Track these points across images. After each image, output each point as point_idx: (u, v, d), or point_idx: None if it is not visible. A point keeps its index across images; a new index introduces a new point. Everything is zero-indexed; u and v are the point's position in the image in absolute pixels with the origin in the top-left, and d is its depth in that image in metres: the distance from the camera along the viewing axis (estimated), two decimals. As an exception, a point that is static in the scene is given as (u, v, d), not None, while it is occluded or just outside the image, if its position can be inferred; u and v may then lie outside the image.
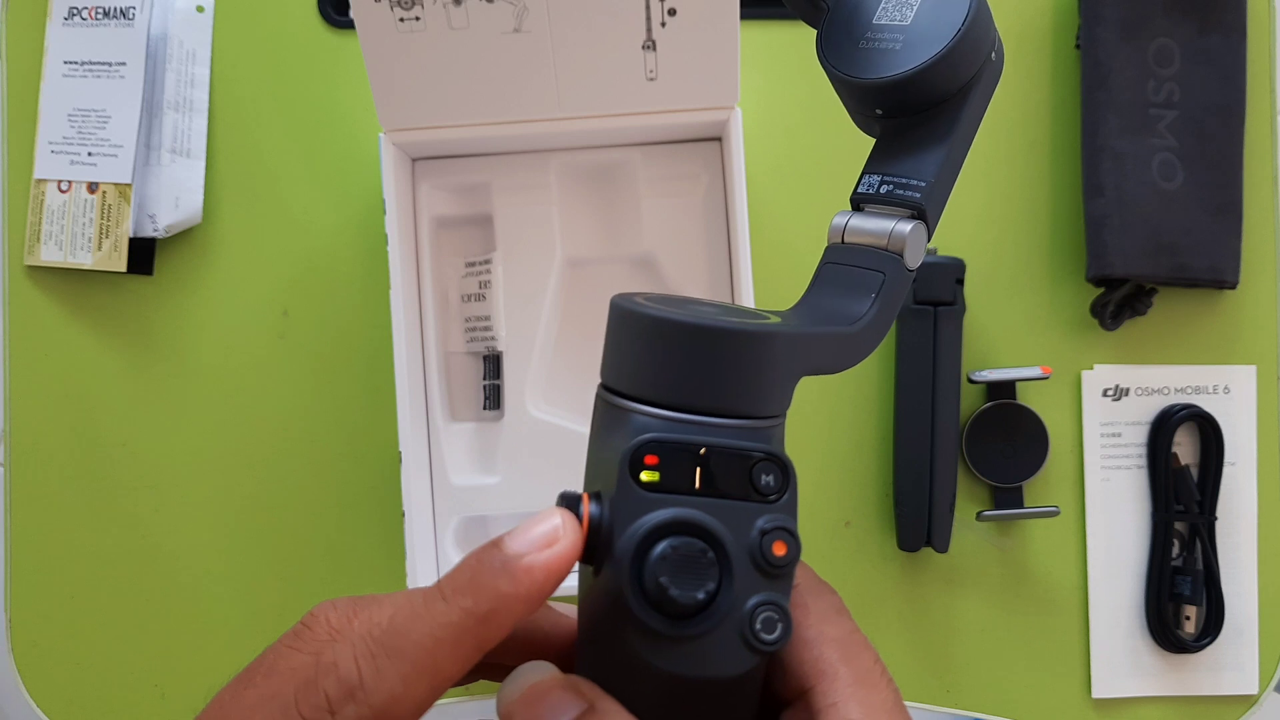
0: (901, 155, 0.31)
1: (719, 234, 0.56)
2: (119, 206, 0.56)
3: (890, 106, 0.31)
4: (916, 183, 0.31)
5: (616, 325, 0.26)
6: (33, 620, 0.58)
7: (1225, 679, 0.58)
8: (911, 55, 0.31)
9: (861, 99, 0.32)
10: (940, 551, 0.56)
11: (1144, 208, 0.56)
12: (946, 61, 0.30)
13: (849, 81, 0.31)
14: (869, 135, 0.33)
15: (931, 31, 0.31)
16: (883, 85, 0.31)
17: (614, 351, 0.27)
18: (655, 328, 0.25)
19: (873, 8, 0.32)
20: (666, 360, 0.25)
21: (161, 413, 0.58)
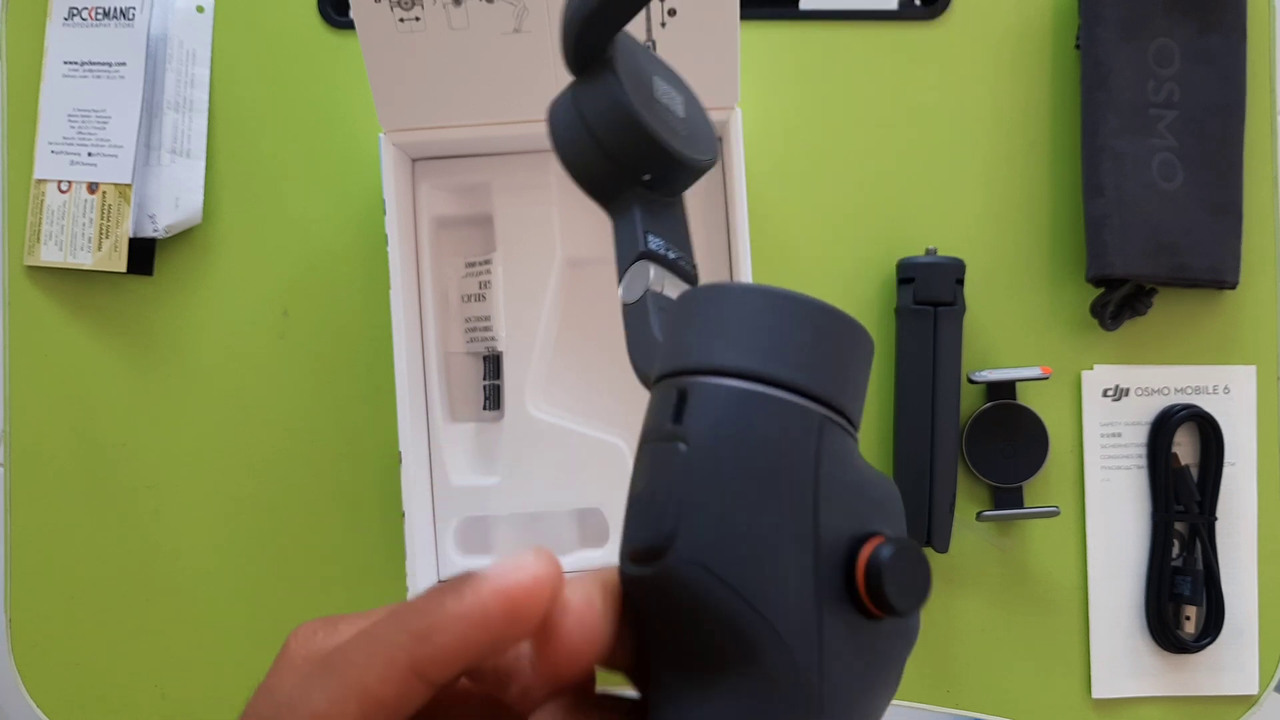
0: (670, 230, 0.32)
1: (719, 234, 0.56)
2: (119, 207, 0.56)
3: (662, 180, 0.31)
4: (690, 259, 0.33)
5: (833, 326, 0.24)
6: (33, 620, 0.58)
7: (1225, 679, 0.58)
8: (695, 146, 0.32)
9: (647, 160, 0.31)
10: (940, 551, 0.56)
11: (1144, 208, 0.56)
12: (713, 166, 0.33)
13: (660, 142, 0.30)
14: (589, 193, 0.32)
15: (701, 132, 0.33)
16: (684, 161, 0.31)
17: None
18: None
19: (649, 83, 0.32)
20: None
21: (161, 413, 0.58)
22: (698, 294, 0.24)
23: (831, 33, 0.59)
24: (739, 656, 0.21)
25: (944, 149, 0.59)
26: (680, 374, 0.23)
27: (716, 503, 0.21)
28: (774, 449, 0.22)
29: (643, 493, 0.22)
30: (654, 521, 0.22)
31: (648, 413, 0.24)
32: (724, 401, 0.22)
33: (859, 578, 0.22)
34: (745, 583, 0.21)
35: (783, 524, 0.22)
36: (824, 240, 0.58)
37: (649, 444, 0.23)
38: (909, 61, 0.59)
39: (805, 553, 0.22)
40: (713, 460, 0.21)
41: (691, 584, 0.21)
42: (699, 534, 0.21)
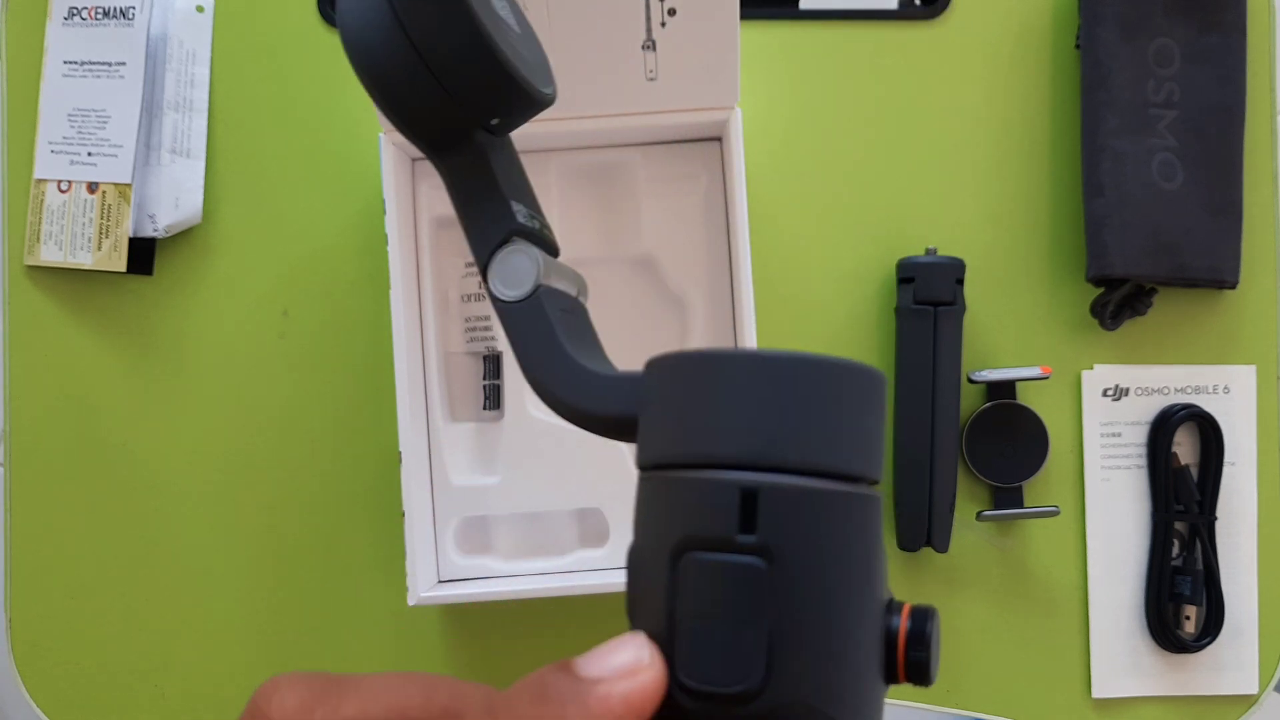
0: (517, 185, 0.26)
1: (719, 234, 0.56)
2: (119, 206, 0.56)
3: (509, 121, 0.26)
4: (545, 221, 0.27)
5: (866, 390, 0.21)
6: (33, 620, 0.58)
7: (1225, 679, 0.58)
8: (540, 76, 0.26)
9: (496, 100, 0.25)
10: (940, 551, 0.56)
11: (1144, 208, 0.56)
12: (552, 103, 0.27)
13: (517, 79, 0.24)
14: (414, 134, 0.25)
15: (537, 53, 0.27)
16: (538, 99, 0.25)
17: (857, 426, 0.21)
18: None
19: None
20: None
21: (161, 413, 0.58)
22: (714, 361, 0.20)
23: (831, 32, 0.59)
24: None
25: (944, 149, 0.59)
26: (725, 466, 0.19)
27: (813, 629, 0.19)
28: (860, 547, 0.20)
29: (711, 623, 0.19)
30: (741, 662, 0.18)
31: (670, 507, 0.20)
32: (807, 506, 0.19)
33: (900, 651, 0.20)
34: (840, 704, 0.19)
35: (865, 625, 0.20)
36: (824, 240, 0.58)
37: (701, 554, 0.19)
38: (909, 61, 0.59)
39: (873, 641, 0.20)
40: (804, 578, 0.19)
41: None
42: (797, 667, 0.19)
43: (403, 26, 0.23)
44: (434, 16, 0.22)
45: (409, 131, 0.25)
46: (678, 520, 0.19)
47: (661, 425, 0.21)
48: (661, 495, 0.20)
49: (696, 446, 0.20)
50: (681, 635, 0.19)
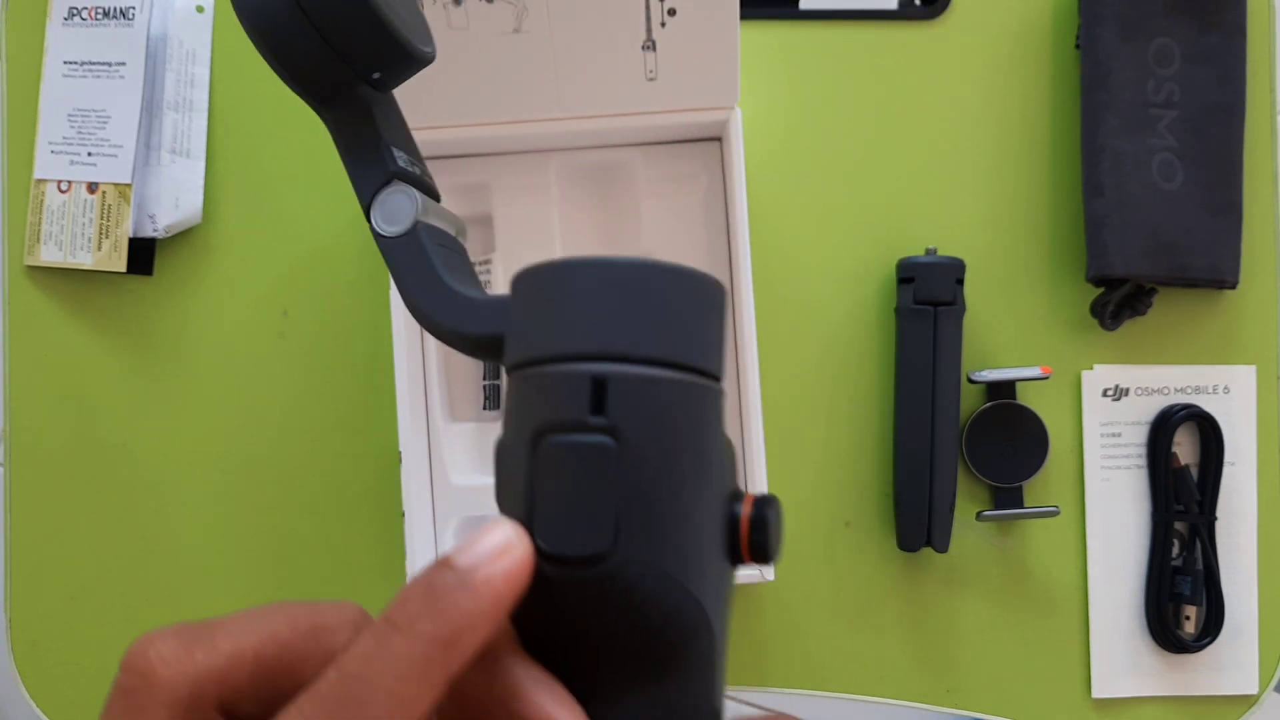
0: (399, 136, 0.28)
1: (719, 234, 0.56)
2: (119, 207, 0.56)
3: (390, 79, 0.28)
4: (425, 168, 0.29)
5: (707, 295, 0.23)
6: (33, 620, 0.58)
7: (1225, 679, 0.58)
8: (420, 35, 0.28)
9: (377, 55, 0.27)
10: (940, 551, 0.56)
11: (1144, 208, 0.56)
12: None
13: (396, 35, 0.26)
14: (302, 87, 0.28)
15: (416, 15, 0.29)
16: (416, 55, 0.27)
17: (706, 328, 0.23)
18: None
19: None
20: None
21: (161, 413, 0.58)
22: (567, 269, 0.23)
23: (831, 32, 0.59)
24: (675, 641, 0.22)
25: (944, 149, 0.59)
26: (578, 358, 0.21)
27: (655, 498, 0.21)
28: (701, 432, 0.22)
29: (568, 494, 0.21)
30: (592, 527, 0.21)
31: (530, 399, 0.22)
32: (652, 392, 0.21)
33: (743, 534, 0.23)
34: (685, 569, 0.21)
35: (705, 503, 0.22)
36: (824, 240, 0.58)
37: (557, 436, 0.21)
38: (909, 61, 0.59)
39: (715, 522, 0.22)
40: (647, 455, 0.21)
41: (638, 583, 0.21)
42: (643, 532, 0.21)
43: (303, 6, 0.25)
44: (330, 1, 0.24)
45: (297, 86, 0.27)
46: (537, 409, 0.22)
47: (523, 328, 0.23)
48: (523, 389, 0.22)
49: (553, 344, 0.22)
50: (540, 509, 0.21)
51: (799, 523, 0.58)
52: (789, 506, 0.57)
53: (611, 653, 0.22)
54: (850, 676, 0.57)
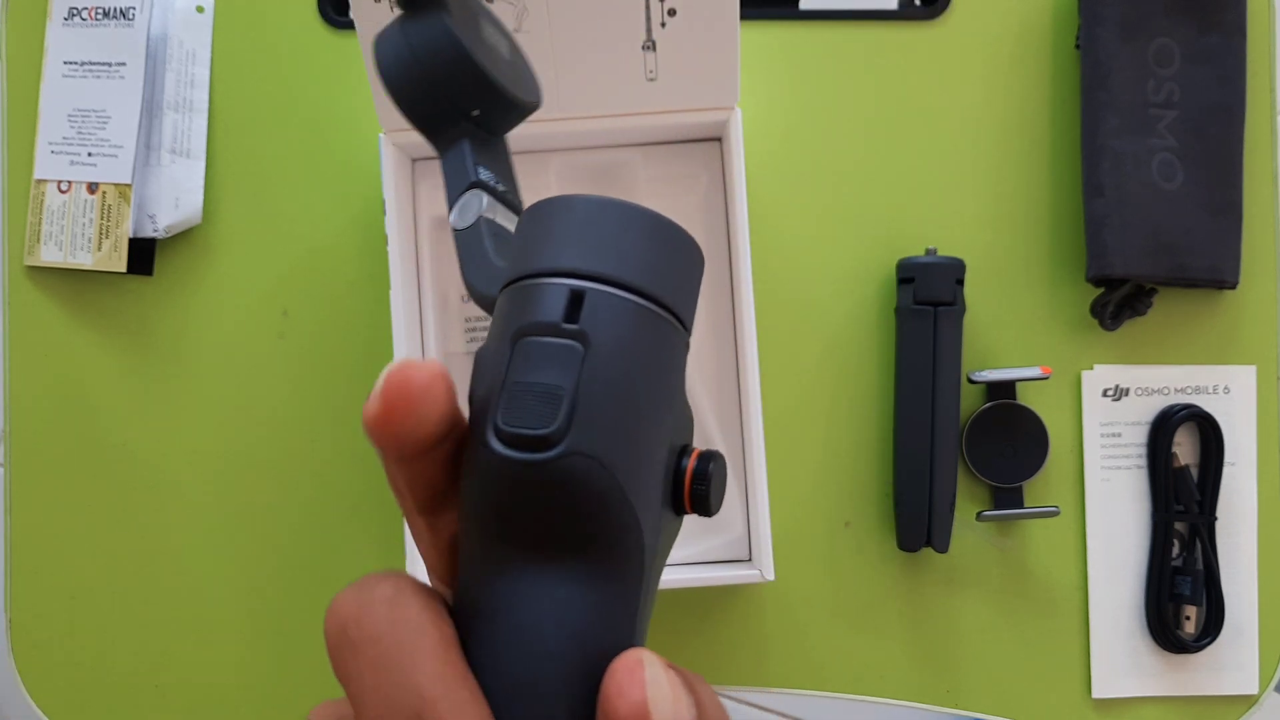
0: (497, 166, 0.33)
1: (719, 234, 0.56)
2: (119, 207, 0.56)
3: (489, 117, 0.33)
4: (517, 195, 0.34)
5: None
6: (33, 620, 0.58)
7: (1225, 679, 0.58)
8: (521, 87, 0.33)
9: (476, 95, 0.32)
10: (940, 551, 0.56)
11: (1144, 208, 0.56)
12: (537, 109, 0.34)
13: (489, 78, 0.31)
14: (418, 127, 0.33)
15: (526, 76, 0.35)
16: (511, 98, 0.32)
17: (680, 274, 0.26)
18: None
19: (476, 24, 0.33)
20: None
21: (161, 413, 0.58)
22: (567, 201, 0.25)
23: (831, 32, 0.59)
24: (601, 541, 0.23)
25: (944, 149, 0.59)
26: (562, 275, 0.24)
27: (612, 403, 0.23)
28: (661, 363, 0.24)
29: (531, 383, 0.23)
30: (548, 412, 0.23)
31: (514, 308, 0.24)
32: (622, 311, 0.24)
33: (686, 483, 0.25)
34: (628, 479, 0.23)
35: (658, 431, 0.24)
36: (824, 240, 0.58)
37: (532, 338, 0.23)
38: (909, 61, 0.59)
39: (663, 457, 0.25)
40: (611, 363, 0.23)
41: (581, 473, 0.23)
42: (594, 429, 0.23)
43: (412, 49, 0.31)
44: (433, 46, 0.31)
45: (411, 119, 0.32)
46: (519, 315, 0.24)
47: (518, 252, 0.25)
48: (510, 301, 0.25)
49: (541, 261, 0.24)
50: (506, 393, 0.23)
51: (799, 523, 0.58)
52: (789, 507, 0.57)
53: (546, 537, 0.23)
54: (850, 676, 0.57)
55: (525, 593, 0.23)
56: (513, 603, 0.23)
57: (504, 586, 0.24)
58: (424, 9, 0.31)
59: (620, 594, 0.24)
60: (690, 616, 0.57)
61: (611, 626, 0.24)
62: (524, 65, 0.35)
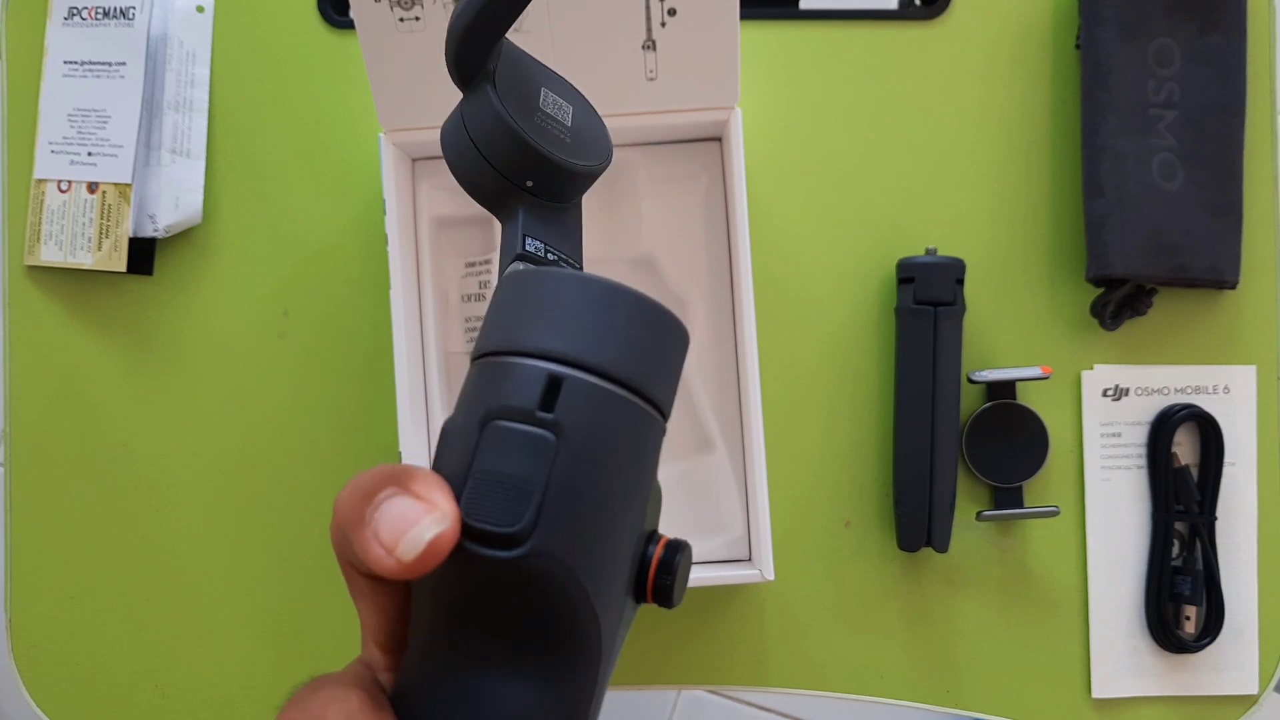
0: (556, 234, 0.33)
1: (719, 234, 0.56)
2: (119, 206, 0.56)
3: (546, 186, 0.33)
4: (573, 262, 0.33)
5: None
6: (33, 621, 0.58)
7: (1225, 679, 0.58)
8: (583, 153, 0.33)
9: (528, 168, 0.32)
10: (940, 551, 0.56)
11: (1144, 208, 0.56)
12: (601, 174, 0.34)
13: (538, 151, 0.31)
14: (480, 202, 0.34)
15: (590, 140, 0.34)
16: (564, 167, 0.32)
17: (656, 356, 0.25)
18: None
19: (535, 94, 0.33)
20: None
21: (162, 413, 0.58)
22: (550, 276, 0.24)
23: (831, 32, 0.59)
24: (559, 640, 0.23)
25: (944, 149, 0.59)
26: (540, 357, 0.23)
27: (581, 502, 0.22)
28: (636, 456, 0.23)
29: (501, 474, 0.22)
30: (516, 509, 0.22)
31: (486, 385, 0.23)
32: (601, 402, 0.23)
33: (651, 574, 0.24)
34: (593, 580, 0.22)
35: (629, 526, 0.23)
36: (824, 240, 0.58)
37: (503, 422, 0.22)
38: (909, 61, 0.59)
39: (631, 551, 0.24)
40: (584, 459, 0.22)
41: (545, 576, 0.22)
42: (561, 529, 0.22)
43: (466, 129, 0.32)
44: (483, 124, 0.31)
45: (475, 196, 0.33)
46: (492, 394, 0.23)
47: (495, 323, 0.24)
48: (483, 376, 0.24)
49: (519, 339, 0.23)
50: (472, 483, 0.22)
51: (799, 523, 0.58)
52: (789, 506, 0.57)
53: (502, 633, 0.23)
54: (850, 676, 0.57)
55: (476, 690, 0.23)
56: (466, 701, 0.23)
57: (457, 682, 0.23)
58: (476, 87, 0.31)
59: (574, 688, 0.23)
60: (690, 617, 0.57)
61: (563, 713, 0.23)
62: (592, 129, 0.35)
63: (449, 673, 0.23)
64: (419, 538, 0.21)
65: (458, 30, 0.30)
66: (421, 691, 0.23)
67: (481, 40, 0.30)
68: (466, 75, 0.31)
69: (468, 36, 0.30)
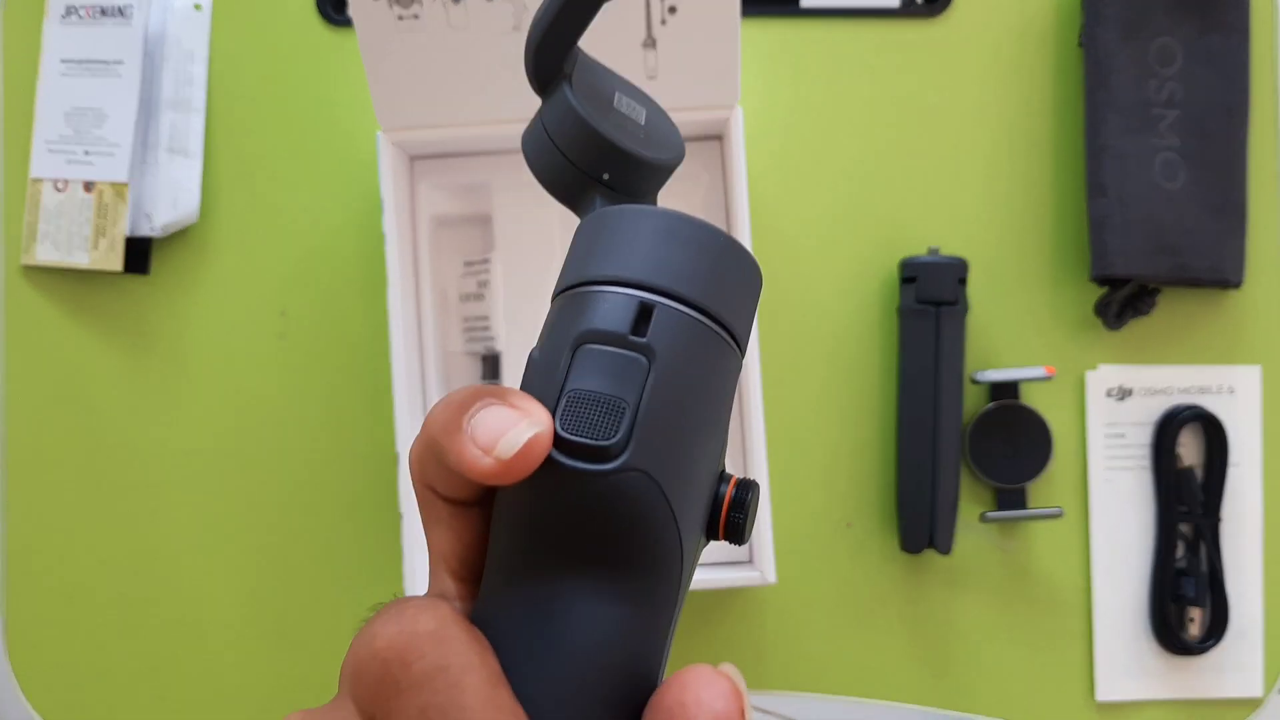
0: None
1: (720, 233, 0.56)
2: (115, 206, 0.56)
3: (622, 179, 0.34)
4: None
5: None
6: (29, 622, 0.58)
7: (1229, 681, 0.57)
8: (653, 147, 0.35)
9: (603, 160, 0.33)
10: (943, 553, 0.56)
11: (1146, 207, 0.55)
12: (675, 168, 0.35)
13: (611, 141, 0.33)
14: (560, 199, 0.35)
15: (663, 138, 0.36)
16: (639, 158, 0.34)
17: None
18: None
19: (608, 96, 0.35)
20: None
21: (159, 413, 0.58)
22: (636, 212, 0.25)
23: (833, 30, 0.59)
24: (644, 561, 0.23)
25: (946, 148, 0.59)
26: (630, 285, 0.24)
27: (672, 423, 0.23)
28: (720, 386, 0.24)
29: (596, 392, 0.23)
30: (610, 424, 0.22)
31: (575, 314, 0.24)
32: (689, 330, 0.24)
33: (724, 510, 0.24)
34: (679, 502, 0.23)
35: (712, 455, 0.24)
36: (825, 239, 0.58)
37: (597, 345, 0.23)
38: (911, 60, 0.59)
39: (710, 483, 0.24)
40: (674, 383, 0.23)
41: (637, 491, 0.22)
42: (653, 448, 0.23)
43: (545, 128, 0.33)
44: (559, 119, 0.33)
45: (553, 192, 0.34)
46: (582, 321, 0.24)
47: (581, 257, 0.25)
48: (573, 305, 0.24)
49: (609, 270, 0.24)
50: (567, 399, 0.23)
51: (801, 524, 0.57)
52: (790, 507, 0.57)
53: (587, 553, 0.23)
54: (852, 678, 0.57)
55: (564, 609, 0.23)
56: (551, 618, 0.23)
57: (541, 599, 0.23)
58: (553, 89, 0.33)
59: (655, 616, 0.24)
60: (691, 618, 0.57)
61: (647, 648, 0.23)
62: (665, 130, 0.37)
63: (532, 593, 0.23)
64: (517, 438, 0.22)
65: (534, 40, 0.32)
66: (503, 612, 0.23)
67: (556, 47, 0.32)
68: (544, 81, 0.34)
69: (543, 45, 0.32)
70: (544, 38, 0.32)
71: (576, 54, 0.34)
